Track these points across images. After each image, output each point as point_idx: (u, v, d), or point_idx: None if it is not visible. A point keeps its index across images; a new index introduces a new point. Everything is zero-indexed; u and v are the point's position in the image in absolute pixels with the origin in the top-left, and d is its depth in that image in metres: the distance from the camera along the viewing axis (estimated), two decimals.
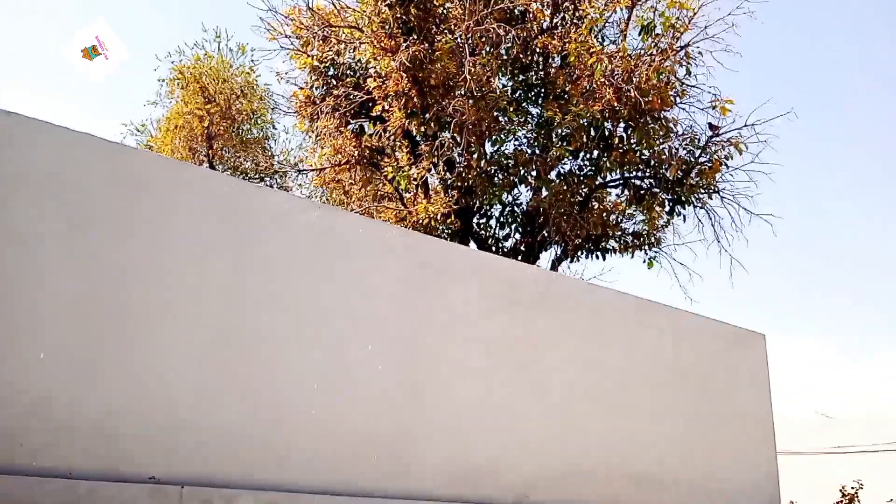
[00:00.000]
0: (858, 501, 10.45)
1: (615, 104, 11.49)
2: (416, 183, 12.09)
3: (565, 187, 12.31)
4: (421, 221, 11.57)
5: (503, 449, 7.62)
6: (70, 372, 5.63)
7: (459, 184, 12.13)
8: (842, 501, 10.52)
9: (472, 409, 7.67)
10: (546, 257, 13.57)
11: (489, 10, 11.56)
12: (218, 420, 6.19)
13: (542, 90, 12.83)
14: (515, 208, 13.03)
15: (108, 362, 5.85)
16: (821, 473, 13.99)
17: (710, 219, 12.96)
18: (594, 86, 11.53)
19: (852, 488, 10.50)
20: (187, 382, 6.15)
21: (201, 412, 6.13)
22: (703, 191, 12.68)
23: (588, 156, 12.75)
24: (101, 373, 5.78)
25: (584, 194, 12.70)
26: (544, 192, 12.22)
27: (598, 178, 12.82)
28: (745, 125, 12.30)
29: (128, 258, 5.98)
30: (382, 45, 11.43)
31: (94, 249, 5.98)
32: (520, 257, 12.36)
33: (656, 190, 12.67)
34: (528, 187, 12.82)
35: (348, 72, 12.47)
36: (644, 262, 13.06)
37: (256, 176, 14.08)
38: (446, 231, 12.33)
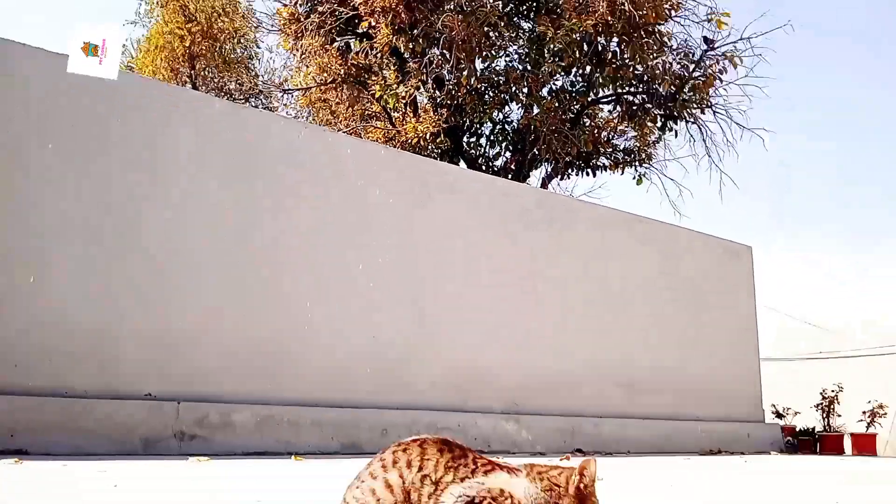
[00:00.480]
0: (838, 403, 10.77)
1: (609, 18, 11.18)
2: (404, 102, 11.86)
3: (557, 104, 12.12)
4: (410, 141, 11.43)
5: (497, 359, 7.79)
6: (64, 294, 5.67)
7: (449, 102, 11.92)
8: (822, 404, 10.83)
9: (468, 322, 7.79)
10: (536, 175, 13.51)
11: None
12: (213, 337, 6.26)
13: (535, 4, 12.44)
14: (506, 126, 12.85)
15: (102, 285, 5.83)
16: (805, 378, 14.39)
17: (702, 134, 12.85)
18: None
19: (832, 391, 10.80)
20: (182, 302, 6.18)
21: (197, 330, 6.21)
22: (695, 106, 12.51)
23: (580, 72, 12.50)
24: (94, 295, 5.79)
25: (575, 111, 12.51)
26: (535, 110, 12.02)
27: (590, 94, 12.60)
28: (741, 38, 12.08)
29: (127, 182, 5.92)
30: None
31: (94, 174, 5.91)
32: (510, 176, 12.28)
33: (649, 106, 12.48)
34: (519, 105, 12.60)
35: None
36: (634, 178, 13.01)
37: (241, 96, 13.79)
38: (436, 150, 12.19)
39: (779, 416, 10.69)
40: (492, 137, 12.89)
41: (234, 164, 6.44)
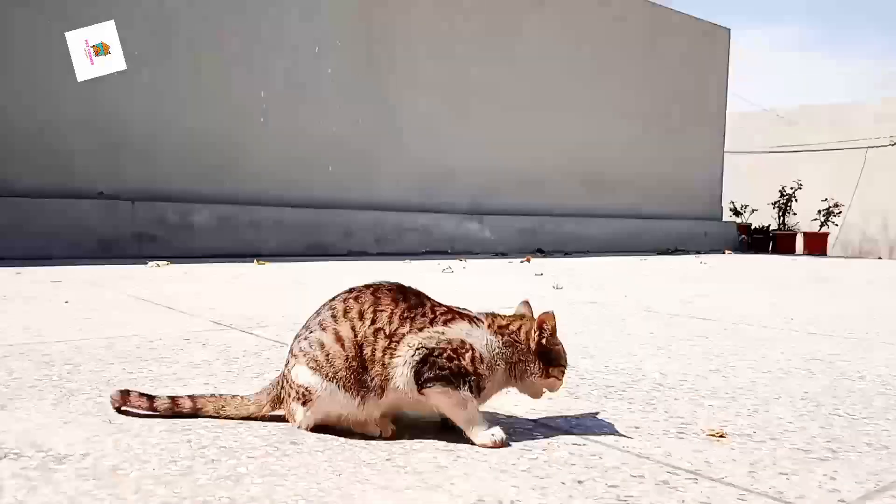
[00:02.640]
0: (795, 201, 10.94)
1: None
2: None
3: None
4: None
5: (463, 158, 7.64)
6: (3, 88, 5.24)
7: None
8: (779, 202, 11.02)
9: (432, 116, 7.48)
10: None
11: None
12: (168, 134, 5.92)
13: None
14: None
15: (46, 75, 5.37)
16: (766, 171, 14.63)
17: None
18: None
19: (791, 188, 10.91)
20: (134, 95, 5.74)
21: (150, 126, 5.83)
22: None
23: None
24: (38, 86, 5.35)
25: None
26: None
27: None
28: None
29: None
30: None
31: None
32: None
33: None
34: None
35: None
36: None
37: None
38: None
39: (736, 213, 10.93)
40: None
41: None
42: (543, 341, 1.29)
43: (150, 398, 1.27)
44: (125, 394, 1.28)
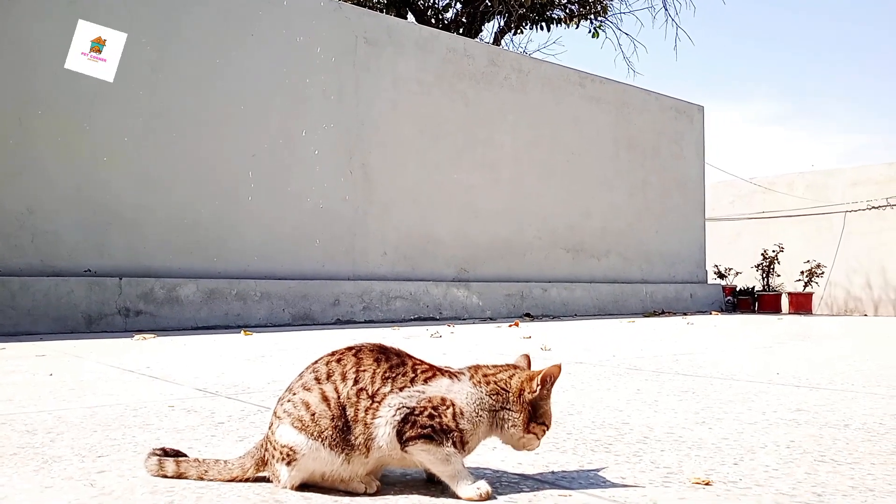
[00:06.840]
0: (778, 263, 11.12)
1: None
2: None
3: None
4: None
5: (447, 227, 7.75)
6: None
7: None
8: (762, 264, 11.18)
9: (417, 187, 7.64)
10: (489, 29, 12.96)
11: None
12: (155, 210, 5.96)
13: None
14: None
15: (32, 155, 5.49)
16: (747, 237, 14.86)
17: None
18: None
19: (773, 251, 11.11)
20: (120, 173, 5.80)
21: (137, 203, 5.89)
22: None
23: None
24: (23, 166, 5.42)
25: None
26: None
27: None
28: None
29: (44, 40, 5.40)
30: None
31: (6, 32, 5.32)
32: (461, 30, 11.73)
33: None
34: None
35: None
36: (589, 31, 12.62)
37: None
38: (381, 1, 11.50)
39: (721, 276, 11.05)
40: None
41: (160, 18, 5.92)
42: (545, 391, 1.28)
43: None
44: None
